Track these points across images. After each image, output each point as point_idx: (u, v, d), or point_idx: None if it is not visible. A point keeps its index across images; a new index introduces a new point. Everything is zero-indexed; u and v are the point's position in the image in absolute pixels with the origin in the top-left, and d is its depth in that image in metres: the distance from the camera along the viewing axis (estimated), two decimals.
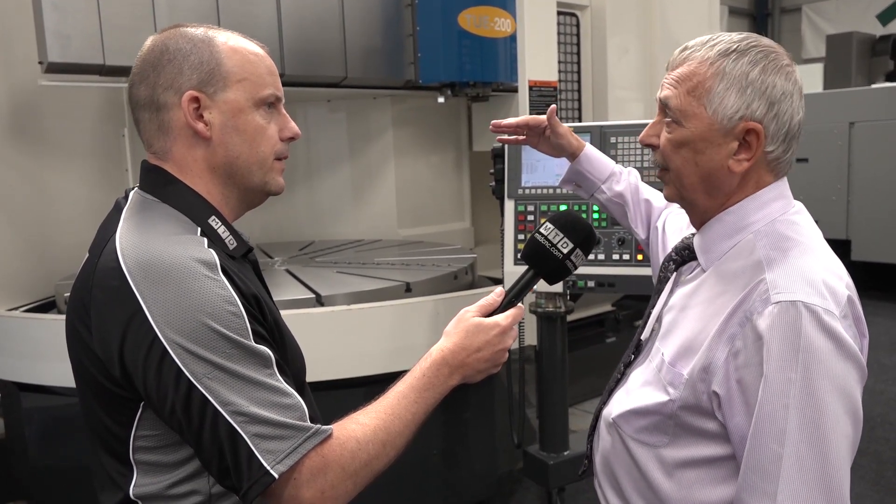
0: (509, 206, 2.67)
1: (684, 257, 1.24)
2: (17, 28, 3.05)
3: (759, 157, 1.10)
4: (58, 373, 2.54)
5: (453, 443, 2.92)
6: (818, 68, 8.26)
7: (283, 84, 1.19)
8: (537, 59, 2.99)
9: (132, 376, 1.00)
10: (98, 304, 1.02)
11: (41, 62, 2.77)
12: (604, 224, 2.45)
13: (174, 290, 0.97)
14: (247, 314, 1.00)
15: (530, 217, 2.63)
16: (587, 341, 4.02)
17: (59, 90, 3.10)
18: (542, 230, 1.23)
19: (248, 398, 0.96)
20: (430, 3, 3.62)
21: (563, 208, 2.54)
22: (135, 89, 1.12)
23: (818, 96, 7.09)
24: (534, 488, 3.20)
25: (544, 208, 2.60)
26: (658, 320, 1.25)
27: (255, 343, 1.00)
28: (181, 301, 0.97)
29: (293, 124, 1.19)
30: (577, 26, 3.57)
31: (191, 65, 1.09)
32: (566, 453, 2.80)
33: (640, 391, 1.19)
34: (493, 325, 1.17)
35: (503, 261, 2.67)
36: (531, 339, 2.90)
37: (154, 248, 1.01)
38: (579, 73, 3.62)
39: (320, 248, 3.90)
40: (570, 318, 2.86)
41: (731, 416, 1.05)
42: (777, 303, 1.01)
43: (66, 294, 1.16)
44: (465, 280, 3.19)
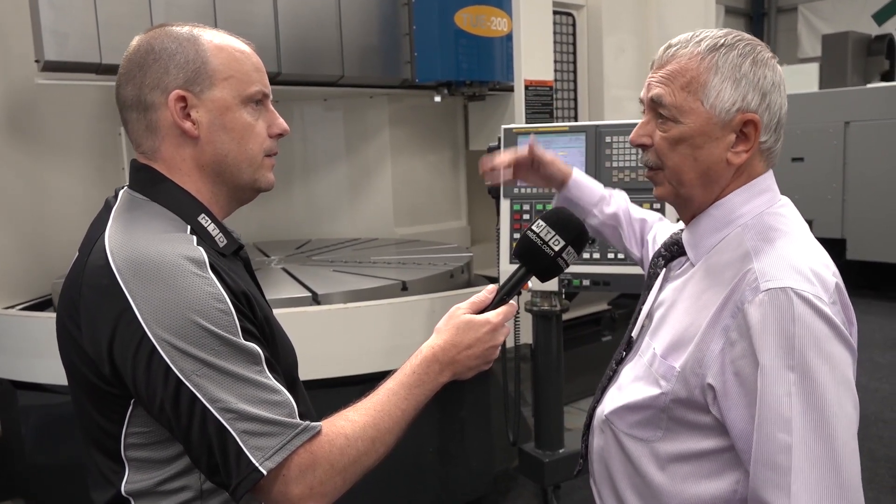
0: (505, 205, 2.68)
1: (673, 253, 1.25)
2: (14, 26, 3.04)
3: (754, 148, 1.11)
4: (54, 371, 2.47)
5: (449, 440, 2.93)
6: (814, 68, 8.25)
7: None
8: (533, 59, 3.00)
9: (122, 374, 1.00)
10: (87, 303, 1.02)
11: (38, 60, 2.77)
12: None
13: (163, 288, 0.97)
14: (236, 311, 1.00)
15: (526, 216, 2.64)
16: (583, 340, 4.03)
17: (55, 88, 3.10)
18: (534, 227, 1.23)
19: (236, 395, 0.96)
20: (427, 3, 3.62)
21: None
22: (122, 90, 1.13)
23: (814, 96, 7.10)
24: (529, 486, 3.21)
25: (539, 207, 2.61)
26: (649, 316, 1.26)
27: (245, 340, 1.00)
28: (170, 298, 0.97)
29: (281, 120, 1.19)
30: (574, 26, 3.59)
31: (176, 64, 1.09)
32: (562, 451, 2.81)
33: (631, 386, 1.19)
34: (484, 321, 1.16)
35: (499, 259, 2.68)
36: (527, 337, 2.91)
37: (143, 245, 1.01)
38: (575, 72, 3.63)
39: (317, 247, 3.90)
40: (565, 316, 2.87)
41: (728, 408, 1.04)
42: (767, 290, 1.01)
43: None
44: (461, 279, 3.19)
